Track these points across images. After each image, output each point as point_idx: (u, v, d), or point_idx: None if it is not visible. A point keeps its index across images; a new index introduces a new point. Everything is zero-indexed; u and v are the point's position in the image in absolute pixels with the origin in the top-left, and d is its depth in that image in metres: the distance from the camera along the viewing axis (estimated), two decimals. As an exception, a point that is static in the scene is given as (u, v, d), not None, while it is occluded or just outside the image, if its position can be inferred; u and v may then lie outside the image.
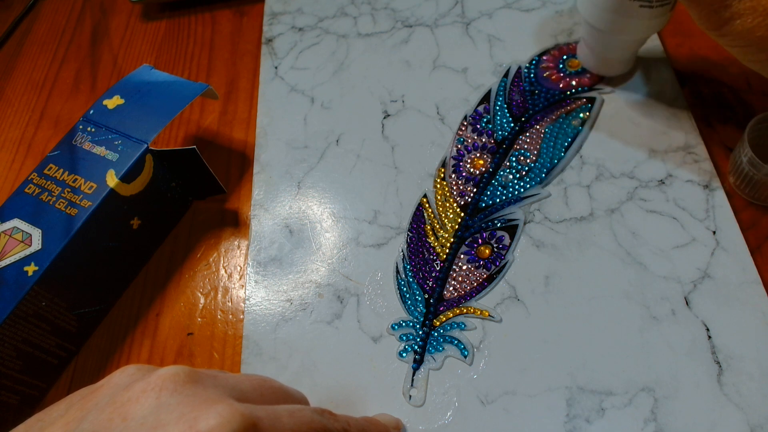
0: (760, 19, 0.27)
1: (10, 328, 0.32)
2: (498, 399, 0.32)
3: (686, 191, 0.37)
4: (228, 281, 0.39)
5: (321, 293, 0.37)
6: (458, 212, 0.38)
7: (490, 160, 0.40)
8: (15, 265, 0.33)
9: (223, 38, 0.53)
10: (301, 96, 0.46)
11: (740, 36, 0.28)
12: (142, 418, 0.19)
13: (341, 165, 0.42)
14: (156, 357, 0.37)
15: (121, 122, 0.38)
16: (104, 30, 0.56)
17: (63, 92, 0.52)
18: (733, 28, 0.28)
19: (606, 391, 0.31)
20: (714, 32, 0.30)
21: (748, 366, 0.31)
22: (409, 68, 0.46)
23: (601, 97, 0.41)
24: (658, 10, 0.34)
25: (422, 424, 0.32)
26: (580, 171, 0.39)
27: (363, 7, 0.51)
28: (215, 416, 0.18)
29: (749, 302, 0.33)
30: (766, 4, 0.27)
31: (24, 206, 0.35)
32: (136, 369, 0.22)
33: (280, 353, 0.35)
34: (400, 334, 0.35)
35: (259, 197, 0.41)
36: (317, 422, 0.22)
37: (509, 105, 0.42)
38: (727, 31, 0.29)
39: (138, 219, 0.38)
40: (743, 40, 0.28)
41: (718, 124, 0.40)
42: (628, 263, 0.35)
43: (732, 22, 0.28)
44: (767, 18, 0.27)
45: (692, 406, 0.30)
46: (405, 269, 0.37)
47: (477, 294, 0.35)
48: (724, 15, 0.28)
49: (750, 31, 0.28)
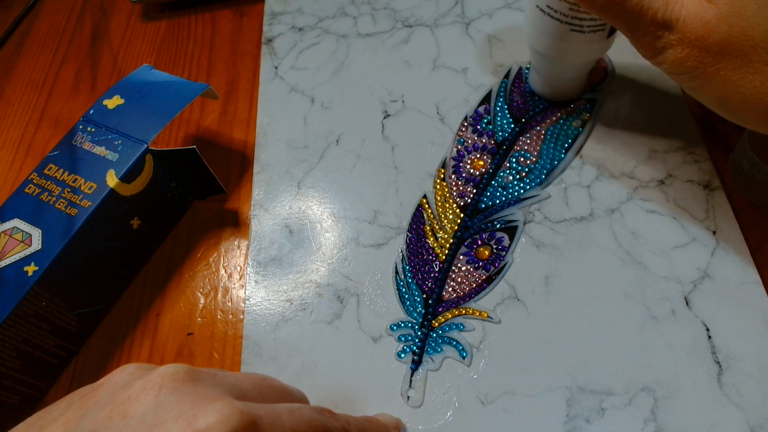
0: (688, 50, 0.28)
1: (10, 328, 0.32)
2: (498, 399, 0.32)
3: (686, 191, 0.37)
4: (228, 281, 0.39)
5: (321, 293, 0.37)
6: (458, 213, 0.38)
7: (490, 161, 0.40)
8: (15, 265, 0.33)
9: (223, 38, 0.53)
10: (301, 96, 0.46)
11: (673, 65, 0.29)
12: (141, 416, 0.19)
13: (341, 165, 0.42)
14: (156, 357, 0.37)
15: (121, 122, 0.38)
16: (104, 30, 0.56)
17: (63, 92, 0.52)
18: (666, 57, 0.29)
19: (606, 391, 0.31)
20: (651, 60, 0.30)
21: (748, 366, 0.31)
22: (409, 68, 0.46)
23: (601, 98, 0.41)
24: (590, 36, 0.34)
25: (422, 423, 0.32)
26: (580, 171, 0.39)
27: (363, 7, 0.51)
28: (214, 414, 0.18)
29: (749, 302, 0.33)
30: (691, 36, 0.27)
31: (24, 206, 0.35)
32: (136, 368, 0.22)
33: (280, 353, 0.35)
34: (399, 335, 0.35)
35: (259, 197, 0.41)
36: (317, 421, 0.22)
37: (510, 106, 0.42)
38: (662, 60, 0.29)
39: (138, 219, 0.38)
40: (676, 69, 0.29)
41: (718, 124, 0.40)
42: (628, 263, 0.35)
43: (665, 51, 0.29)
44: (694, 49, 0.27)
45: (692, 406, 0.30)
46: (404, 270, 0.37)
47: (476, 295, 0.35)
48: (657, 45, 0.29)
49: (681, 61, 0.28)
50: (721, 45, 0.26)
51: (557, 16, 0.34)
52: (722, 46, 0.26)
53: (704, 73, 0.28)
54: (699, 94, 0.30)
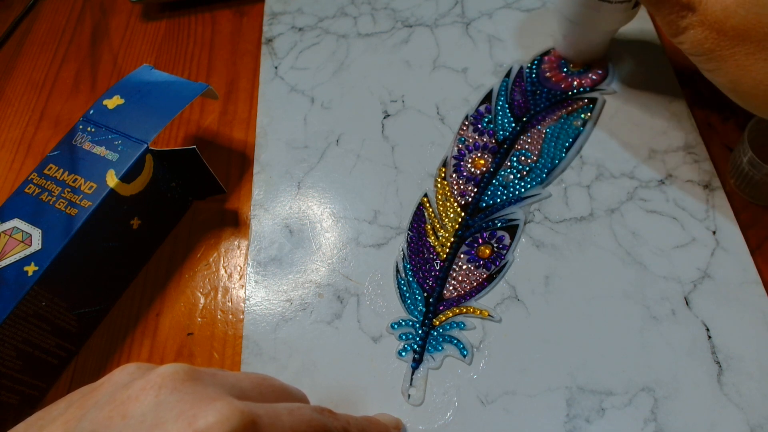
0: (707, 32, 0.29)
1: (10, 328, 0.32)
2: (498, 399, 0.32)
3: (686, 191, 0.37)
4: (228, 281, 0.39)
5: (321, 293, 0.37)
6: (459, 212, 0.38)
7: (491, 160, 0.40)
8: (15, 265, 0.33)
9: (223, 38, 0.53)
10: (301, 96, 0.46)
11: (693, 45, 0.30)
12: (141, 415, 0.19)
13: (341, 165, 0.42)
14: (156, 357, 0.37)
15: (121, 122, 0.38)
16: (104, 30, 0.56)
17: (63, 92, 0.52)
18: (687, 37, 0.31)
19: (606, 391, 0.31)
20: (673, 39, 0.32)
21: (748, 366, 0.31)
22: (409, 68, 0.46)
23: (602, 98, 0.41)
24: (617, 5, 0.37)
25: (422, 423, 0.32)
26: (581, 171, 0.39)
27: (363, 7, 0.51)
28: (214, 413, 0.18)
29: (749, 302, 0.33)
30: (711, 19, 0.29)
31: (24, 206, 0.35)
32: (135, 367, 0.22)
33: (280, 353, 0.35)
34: (400, 333, 0.35)
35: (259, 197, 0.41)
36: (317, 420, 0.22)
37: (511, 105, 0.42)
38: (683, 40, 0.31)
39: (138, 219, 0.38)
40: (695, 50, 0.31)
41: (718, 124, 0.40)
42: (628, 263, 0.35)
43: (687, 31, 0.30)
44: (713, 31, 0.29)
45: (692, 406, 0.30)
46: (405, 268, 0.37)
47: (477, 294, 0.35)
48: (681, 24, 0.31)
49: (700, 42, 0.30)
50: (737, 29, 0.28)
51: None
52: (739, 31, 0.28)
53: (720, 55, 0.29)
54: (714, 76, 0.31)
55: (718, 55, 0.29)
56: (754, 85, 0.29)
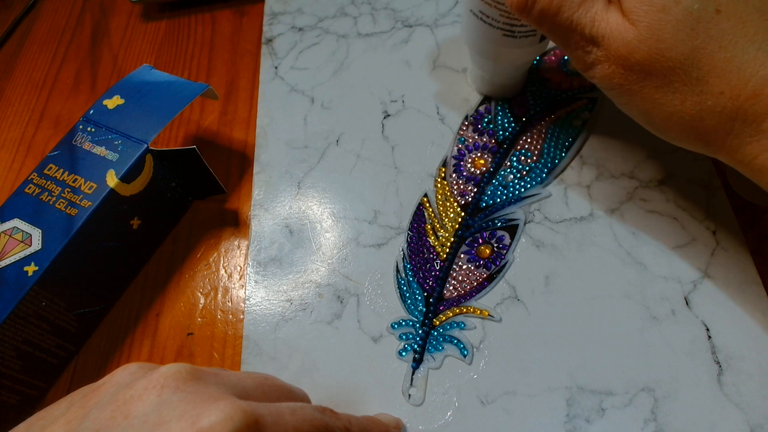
0: (614, 67, 0.28)
1: (10, 328, 0.32)
2: (498, 399, 0.32)
3: (686, 191, 0.37)
4: (228, 281, 0.39)
5: (321, 293, 0.37)
6: (459, 212, 0.38)
7: (491, 160, 0.40)
8: (15, 265, 0.33)
9: (223, 38, 0.53)
10: (301, 96, 0.46)
11: (602, 80, 0.29)
12: (144, 415, 0.19)
13: (341, 165, 0.42)
14: (156, 357, 0.37)
15: (121, 122, 0.38)
16: (104, 30, 0.56)
17: (63, 92, 0.52)
18: (596, 72, 0.29)
19: (606, 391, 0.31)
20: (584, 74, 0.30)
21: (748, 366, 0.31)
22: (409, 68, 0.46)
23: (601, 98, 0.41)
24: (522, 40, 0.35)
25: (422, 423, 0.32)
26: (580, 171, 0.39)
27: (363, 7, 0.51)
28: (217, 413, 0.18)
29: (749, 302, 0.33)
30: (615, 54, 0.27)
31: (24, 206, 0.35)
32: (137, 367, 0.22)
33: (280, 353, 0.35)
34: (400, 333, 0.35)
35: (259, 197, 0.41)
36: (319, 420, 0.22)
37: (511, 105, 0.42)
38: (593, 75, 0.29)
39: (138, 219, 0.38)
40: (605, 84, 0.29)
41: (717, 124, 0.40)
42: (628, 263, 0.35)
43: (594, 66, 0.29)
44: (619, 67, 0.28)
45: (692, 406, 0.31)
46: (405, 268, 0.37)
47: (477, 293, 0.35)
48: (587, 60, 0.29)
49: (608, 77, 0.28)
50: (642, 65, 0.27)
51: (489, 21, 0.35)
52: (644, 66, 0.27)
53: (630, 90, 0.28)
54: (628, 109, 0.30)
55: (627, 89, 0.28)
56: (666, 118, 0.28)
